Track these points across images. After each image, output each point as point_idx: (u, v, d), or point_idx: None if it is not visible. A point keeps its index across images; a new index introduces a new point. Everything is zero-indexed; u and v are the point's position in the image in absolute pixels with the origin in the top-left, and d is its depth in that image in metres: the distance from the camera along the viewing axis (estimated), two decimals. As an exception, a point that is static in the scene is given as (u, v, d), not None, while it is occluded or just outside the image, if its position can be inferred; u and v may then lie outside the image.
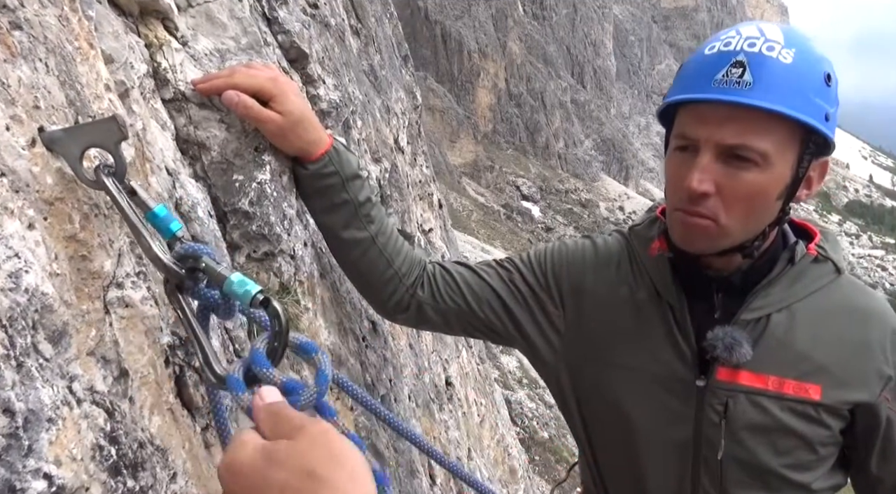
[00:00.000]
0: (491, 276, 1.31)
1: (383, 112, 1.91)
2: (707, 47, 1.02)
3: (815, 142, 1.01)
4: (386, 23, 2.05)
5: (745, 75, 0.95)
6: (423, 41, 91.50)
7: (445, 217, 2.74)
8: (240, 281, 0.68)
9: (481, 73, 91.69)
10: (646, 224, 1.26)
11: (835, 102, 1.00)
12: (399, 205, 1.93)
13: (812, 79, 0.97)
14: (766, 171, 1.00)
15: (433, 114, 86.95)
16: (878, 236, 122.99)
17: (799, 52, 0.97)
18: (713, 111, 0.99)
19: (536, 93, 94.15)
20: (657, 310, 1.18)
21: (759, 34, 0.98)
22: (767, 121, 0.97)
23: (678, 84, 1.05)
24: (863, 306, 1.13)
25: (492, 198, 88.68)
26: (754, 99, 0.95)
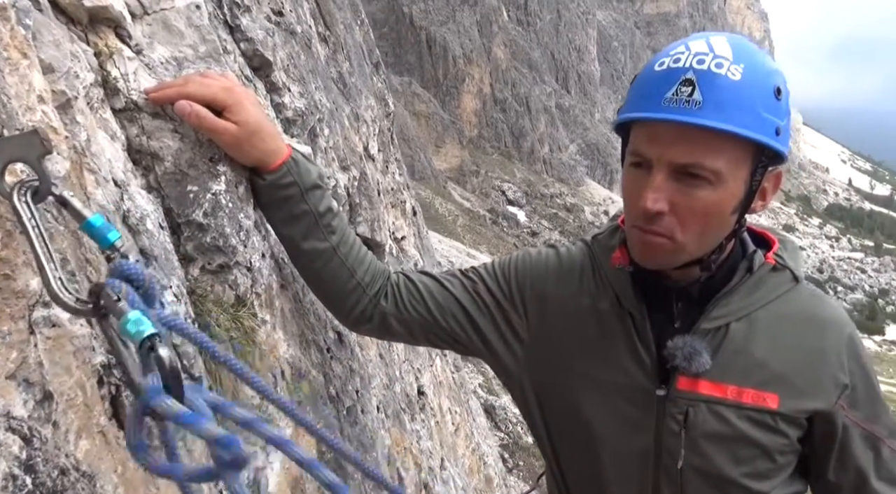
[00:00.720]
0: (455, 287, 1.30)
1: (352, 119, 1.89)
2: (657, 62, 1.01)
3: (767, 156, 1.01)
4: (356, 30, 2.04)
5: (694, 94, 0.95)
6: (407, 47, 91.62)
7: (420, 224, 2.73)
8: (135, 320, 0.65)
9: (466, 79, 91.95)
10: (607, 233, 1.26)
11: (785, 114, 1.00)
12: (369, 213, 1.91)
13: (761, 94, 0.97)
14: (720, 188, 1.00)
15: (418, 119, 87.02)
16: (857, 239, 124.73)
17: (748, 68, 0.97)
18: (665, 130, 0.99)
19: (521, 99, 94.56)
20: (619, 320, 1.18)
21: (708, 50, 0.97)
22: (718, 140, 0.97)
23: (631, 100, 1.05)
24: (819, 314, 1.14)
25: (477, 202, 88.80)
26: (704, 119, 0.95)
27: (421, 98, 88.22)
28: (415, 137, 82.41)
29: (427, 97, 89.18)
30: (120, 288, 0.67)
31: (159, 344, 0.64)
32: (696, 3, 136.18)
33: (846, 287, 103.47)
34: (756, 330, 1.11)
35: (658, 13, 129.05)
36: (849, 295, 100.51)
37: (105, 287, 0.67)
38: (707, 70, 0.96)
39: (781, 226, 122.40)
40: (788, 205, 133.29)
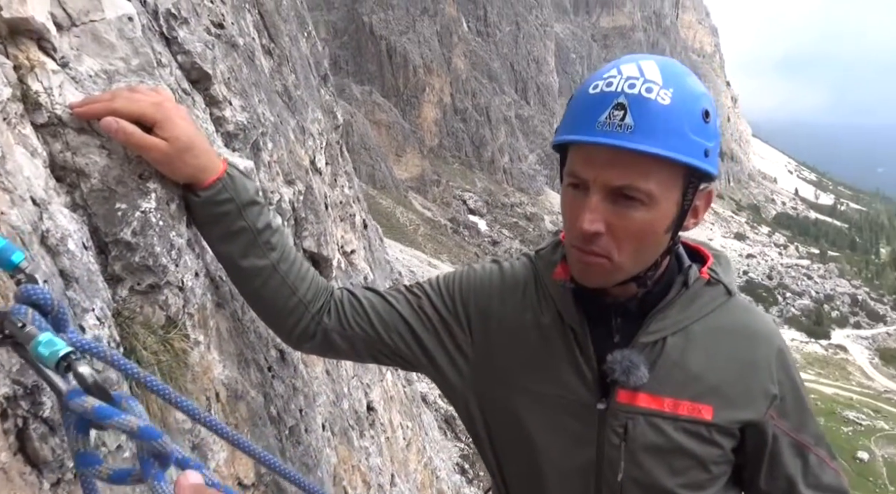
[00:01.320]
0: (399, 302, 1.29)
1: (298, 133, 1.87)
2: (591, 85, 1.03)
3: (697, 176, 1.04)
4: (302, 42, 2.02)
5: (626, 118, 0.97)
6: (368, 56, 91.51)
7: (371, 237, 2.71)
8: (47, 342, 0.62)
9: (427, 88, 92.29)
10: (549, 248, 1.27)
11: (714, 136, 1.03)
12: (315, 228, 1.89)
13: (690, 118, 1.00)
14: (653, 209, 1.02)
15: (379, 128, 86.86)
16: (804, 246, 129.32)
17: (676, 92, 0.99)
18: (599, 153, 1.00)
19: (481, 109, 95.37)
20: (561, 335, 1.19)
21: (639, 74, 0.99)
22: (650, 163, 0.99)
23: (567, 121, 1.07)
24: (751, 327, 1.17)
25: (438, 212, 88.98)
26: (636, 143, 0.97)
27: (381, 107, 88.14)
28: (375, 146, 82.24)
29: (388, 106, 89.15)
30: (26, 314, 0.64)
31: (77, 361, 0.62)
32: (650, 18, 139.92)
33: (794, 293, 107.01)
34: (691, 344, 1.13)
35: (614, 27, 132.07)
36: (797, 301, 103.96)
37: (8, 315, 0.64)
38: (638, 94, 0.98)
39: (733, 234, 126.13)
40: (739, 214, 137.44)
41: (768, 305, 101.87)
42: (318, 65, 2.21)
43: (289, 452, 1.46)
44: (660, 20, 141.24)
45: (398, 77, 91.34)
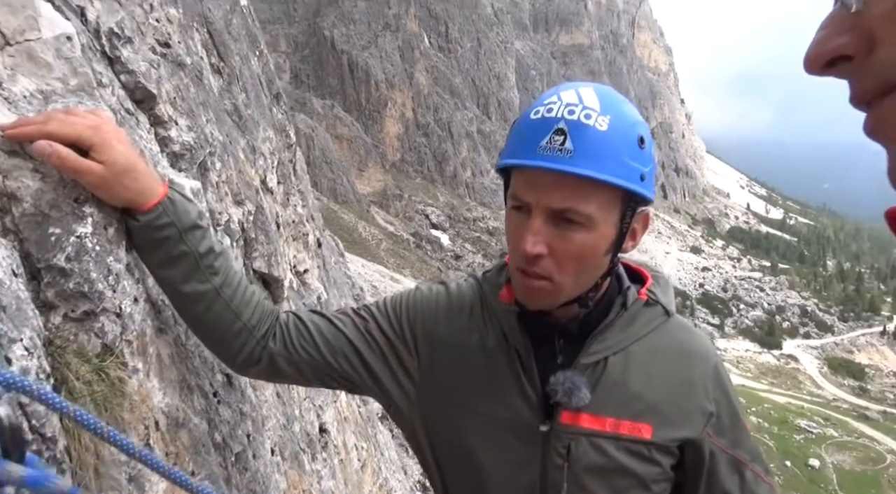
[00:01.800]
0: (346, 325, 1.29)
1: (248, 152, 1.85)
2: (533, 111, 1.06)
3: (635, 200, 1.06)
4: (253, 61, 2.00)
5: (566, 143, 1.00)
6: (329, 70, 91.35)
7: (325, 256, 2.69)
8: None
9: (389, 103, 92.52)
10: (495, 270, 1.28)
11: (649, 161, 1.06)
12: (266, 248, 1.87)
13: (626, 143, 1.03)
14: (593, 231, 1.04)
15: (340, 142, 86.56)
16: (756, 259, 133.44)
17: (613, 119, 1.02)
18: (541, 177, 1.03)
19: (444, 123, 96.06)
20: (506, 357, 1.20)
21: (578, 101, 1.02)
22: (589, 187, 1.01)
23: (510, 146, 1.09)
24: (688, 346, 1.20)
25: (401, 226, 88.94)
26: (575, 167, 0.99)
27: (343, 121, 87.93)
28: (337, 161, 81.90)
29: (349, 120, 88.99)
30: None
31: None
32: (608, 37, 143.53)
33: (748, 304, 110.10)
34: (631, 364, 1.15)
35: (572, 44, 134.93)
36: (750, 313, 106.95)
37: None
38: (577, 120, 1.01)
39: (689, 247, 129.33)
40: (695, 228, 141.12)
41: (724, 316, 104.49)
42: (271, 83, 2.20)
43: (235, 479, 1.42)
44: (617, 39, 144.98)
45: (360, 91, 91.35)
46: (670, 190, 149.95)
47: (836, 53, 0.42)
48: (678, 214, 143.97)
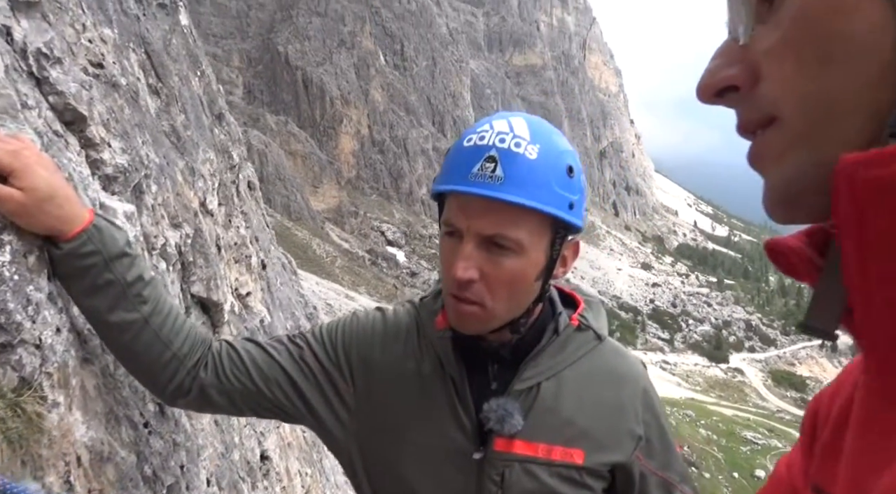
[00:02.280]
0: (280, 353, 1.27)
1: (187, 174, 1.82)
2: (466, 139, 1.08)
3: (564, 228, 1.09)
4: (194, 81, 1.97)
5: (496, 170, 1.02)
6: (283, 86, 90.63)
7: (270, 277, 2.65)
8: None
9: (344, 120, 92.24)
10: (432, 296, 1.29)
11: (578, 190, 1.09)
12: (205, 272, 1.83)
13: (555, 172, 1.05)
14: (523, 257, 1.06)
15: (294, 158, 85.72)
16: (703, 275, 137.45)
17: (543, 148, 1.05)
18: (472, 203, 1.04)
19: (399, 140, 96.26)
20: (441, 384, 1.20)
21: (509, 130, 1.05)
22: (519, 214, 1.03)
23: (443, 172, 1.10)
24: (618, 370, 1.22)
25: (356, 243, 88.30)
26: (505, 193, 1.01)
27: (297, 137, 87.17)
28: (291, 177, 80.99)
29: (304, 137, 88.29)
30: None
31: None
32: (560, 58, 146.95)
33: (696, 319, 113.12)
34: (564, 389, 1.17)
35: (526, 65, 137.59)
36: (699, 328, 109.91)
37: None
38: (507, 149, 1.03)
39: (640, 264, 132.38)
40: (645, 245, 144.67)
41: (673, 331, 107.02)
42: (213, 103, 2.16)
43: (166, 513, 1.38)
44: (569, 60, 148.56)
45: (315, 108, 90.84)
46: (621, 207, 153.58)
47: (724, 84, 0.44)
48: (629, 231, 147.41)
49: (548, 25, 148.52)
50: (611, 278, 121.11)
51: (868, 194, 0.35)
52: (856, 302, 0.38)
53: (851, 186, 0.35)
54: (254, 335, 2.19)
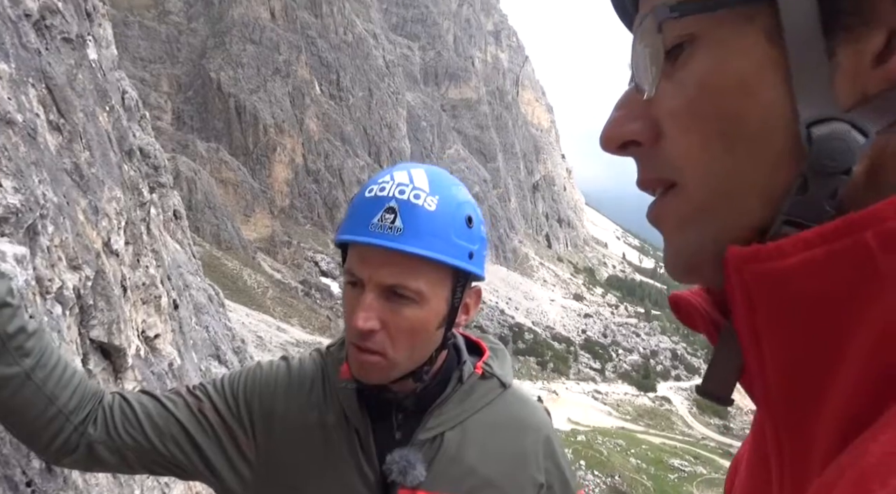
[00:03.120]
0: (178, 406, 1.21)
1: (90, 213, 1.74)
2: (367, 189, 1.09)
3: (464, 276, 1.10)
4: (101, 117, 1.91)
5: (396, 221, 1.03)
6: (215, 113, 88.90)
7: (182, 317, 2.55)
8: None
9: (278, 148, 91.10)
10: (338, 345, 1.27)
11: (478, 240, 1.11)
12: (107, 315, 1.74)
13: (454, 223, 1.07)
14: (424, 307, 1.06)
15: (226, 187, 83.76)
16: (632, 306, 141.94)
17: (442, 199, 1.07)
18: (372, 253, 1.05)
19: (334, 170, 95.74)
20: (345, 435, 1.18)
21: (409, 181, 1.06)
22: (419, 264, 1.04)
23: (345, 222, 1.10)
24: (521, 418, 1.23)
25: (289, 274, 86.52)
26: (404, 245, 1.02)
27: (229, 165, 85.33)
28: (221, 206, 78.97)
29: (236, 165, 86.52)
30: None
31: None
32: (494, 93, 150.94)
33: (626, 349, 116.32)
34: (468, 438, 1.17)
35: (461, 99, 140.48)
36: (628, 357, 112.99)
37: None
38: (407, 200, 1.05)
39: (573, 295, 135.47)
40: (577, 277, 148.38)
41: (604, 361, 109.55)
42: (122, 140, 2.09)
43: (48, 580, 1.28)
44: (503, 96, 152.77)
45: (247, 135, 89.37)
46: (554, 239, 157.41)
47: (626, 138, 0.44)
48: (562, 263, 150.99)
49: (482, 61, 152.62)
50: (544, 309, 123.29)
51: (754, 285, 0.36)
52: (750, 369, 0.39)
53: (739, 276, 0.36)
54: (161, 379, 2.10)
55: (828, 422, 0.35)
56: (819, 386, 0.35)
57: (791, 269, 0.34)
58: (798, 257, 0.34)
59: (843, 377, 0.34)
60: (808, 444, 0.37)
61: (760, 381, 0.39)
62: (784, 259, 0.34)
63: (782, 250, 0.34)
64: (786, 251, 0.34)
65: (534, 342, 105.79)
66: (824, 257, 0.33)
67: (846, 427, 0.34)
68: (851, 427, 0.33)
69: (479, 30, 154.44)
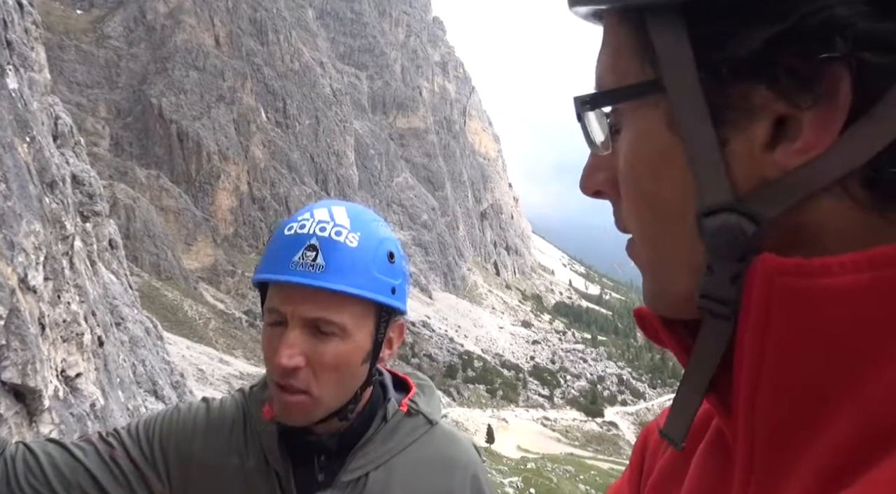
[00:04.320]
0: (87, 454, 1.15)
1: (4, 249, 1.66)
2: (287, 227, 1.08)
3: (387, 311, 1.11)
4: (21, 148, 1.83)
5: (318, 258, 1.03)
6: (156, 139, 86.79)
7: (108, 354, 2.45)
8: None
9: (222, 175, 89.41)
10: (261, 385, 1.24)
11: (400, 275, 1.12)
12: (20, 356, 1.66)
13: (376, 259, 1.08)
14: (348, 341, 1.06)
15: (166, 215, 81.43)
16: (579, 332, 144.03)
17: (363, 236, 1.07)
18: (294, 291, 1.04)
19: (281, 198, 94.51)
20: (265, 479, 1.14)
21: (330, 219, 1.07)
22: (342, 300, 1.04)
23: (265, 261, 1.09)
24: (449, 456, 1.22)
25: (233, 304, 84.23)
26: (326, 282, 1.02)
27: (170, 193, 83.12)
28: (161, 234, 76.60)
29: (177, 192, 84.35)
30: None
31: None
32: (442, 122, 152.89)
33: (573, 375, 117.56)
34: (393, 478, 1.15)
35: (409, 128, 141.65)
36: (576, 383, 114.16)
37: None
38: (328, 237, 1.05)
39: (521, 322, 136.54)
40: (525, 303, 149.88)
41: (553, 387, 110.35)
42: (44, 172, 2.01)
43: None
44: (450, 125, 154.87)
45: (190, 162, 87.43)
46: (502, 267, 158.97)
47: (596, 188, 0.46)
48: (510, 290, 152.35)
49: (430, 91, 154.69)
50: (493, 336, 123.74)
51: (783, 300, 0.34)
52: (740, 385, 0.38)
53: (767, 287, 0.35)
54: (81, 421, 2.00)
55: (815, 453, 0.34)
56: (817, 415, 0.34)
57: (835, 290, 0.33)
58: (845, 278, 0.32)
59: (847, 413, 0.33)
60: (787, 469, 0.36)
61: (747, 401, 0.38)
62: (828, 277, 0.33)
63: (829, 267, 0.33)
64: (833, 269, 0.33)
65: (483, 369, 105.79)
66: (870, 283, 0.32)
67: (835, 465, 0.33)
68: (841, 465, 0.33)
69: (426, 60, 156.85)
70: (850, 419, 0.33)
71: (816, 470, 0.34)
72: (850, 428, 0.33)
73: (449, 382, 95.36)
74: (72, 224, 2.09)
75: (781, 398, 0.36)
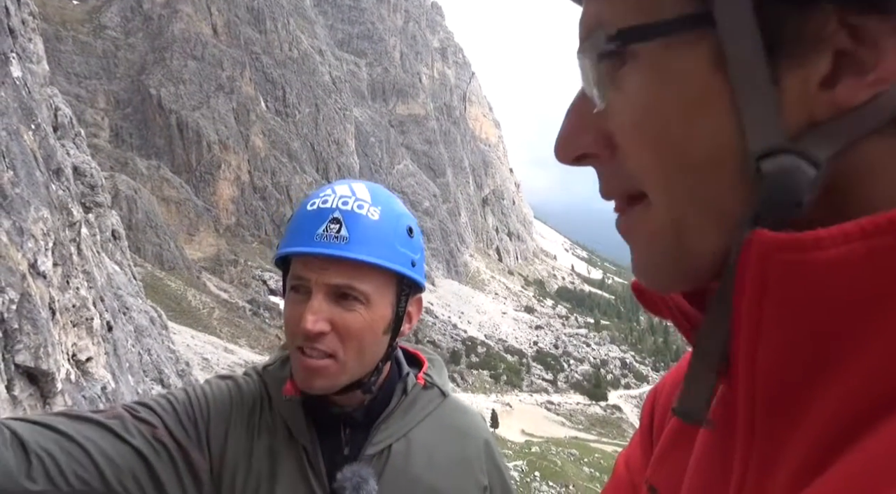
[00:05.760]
0: (133, 435, 1.10)
1: (14, 235, 1.68)
2: (309, 203, 1.11)
3: (407, 284, 1.14)
4: (26, 136, 1.85)
5: (341, 231, 1.07)
6: (155, 129, 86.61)
7: (118, 339, 2.48)
8: None
9: (222, 165, 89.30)
10: (278, 364, 1.26)
11: (418, 250, 1.15)
12: (33, 339, 1.68)
13: (397, 232, 1.11)
14: (371, 309, 1.09)
15: (168, 205, 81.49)
16: (582, 317, 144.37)
17: (384, 210, 1.11)
18: (320, 261, 1.07)
19: (282, 187, 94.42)
20: (293, 454, 1.17)
21: (351, 193, 1.10)
22: (365, 270, 1.07)
23: (288, 237, 1.12)
24: (461, 425, 1.26)
25: (236, 293, 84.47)
26: (351, 252, 1.06)
27: (171, 183, 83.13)
28: (163, 225, 76.70)
29: (178, 182, 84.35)
30: None
31: None
32: (442, 109, 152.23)
33: (576, 359, 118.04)
34: (413, 449, 1.18)
35: (409, 115, 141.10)
36: (579, 367, 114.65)
37: None
38: (351, 210, 1.08)
39: (524, 307, 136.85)
40: (528, 289, 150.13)
41: (556, 372, 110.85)
42: (50, 159, 2.03)
43: None
44: (450, 111, 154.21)
45: (190, 152, 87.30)
46: (504, 253, 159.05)
47: (580, 151, 0.43)
48: (512, 276, 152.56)
49: (429, 78, 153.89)
50: (496, 322, 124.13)
51: (779, 276, 0.34)
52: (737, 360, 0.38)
53: (763, 263, 0.34)
54: (94, 403, 2.03)
55: (814, 421, 0.35)
56: (815, 382, 0.35)
57: (827, 262, 0.32)
58: (837, 250, 0.32)
59: (843, 380, 0.33)
60: (785, 441, 0.37)
61: (746, 371, 0.37)
62: (822, 250, 0.32)
63: (820, 241, 0.32)
64: (824, 243, 0.32)
65: (487, 355, 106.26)
66: (864, 253, 0.31)
67: (832, 431, 0.33)
68: (838, 431, 0.33)
69: (425, 46, 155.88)
70: (849, 384, 0.33)
71: (817, 435, 0.34)
72: (849, 393, 0.33)
73: (453, 368, 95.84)
74: (79, 211, 2.12)
75: (780, 366, 0.36)
